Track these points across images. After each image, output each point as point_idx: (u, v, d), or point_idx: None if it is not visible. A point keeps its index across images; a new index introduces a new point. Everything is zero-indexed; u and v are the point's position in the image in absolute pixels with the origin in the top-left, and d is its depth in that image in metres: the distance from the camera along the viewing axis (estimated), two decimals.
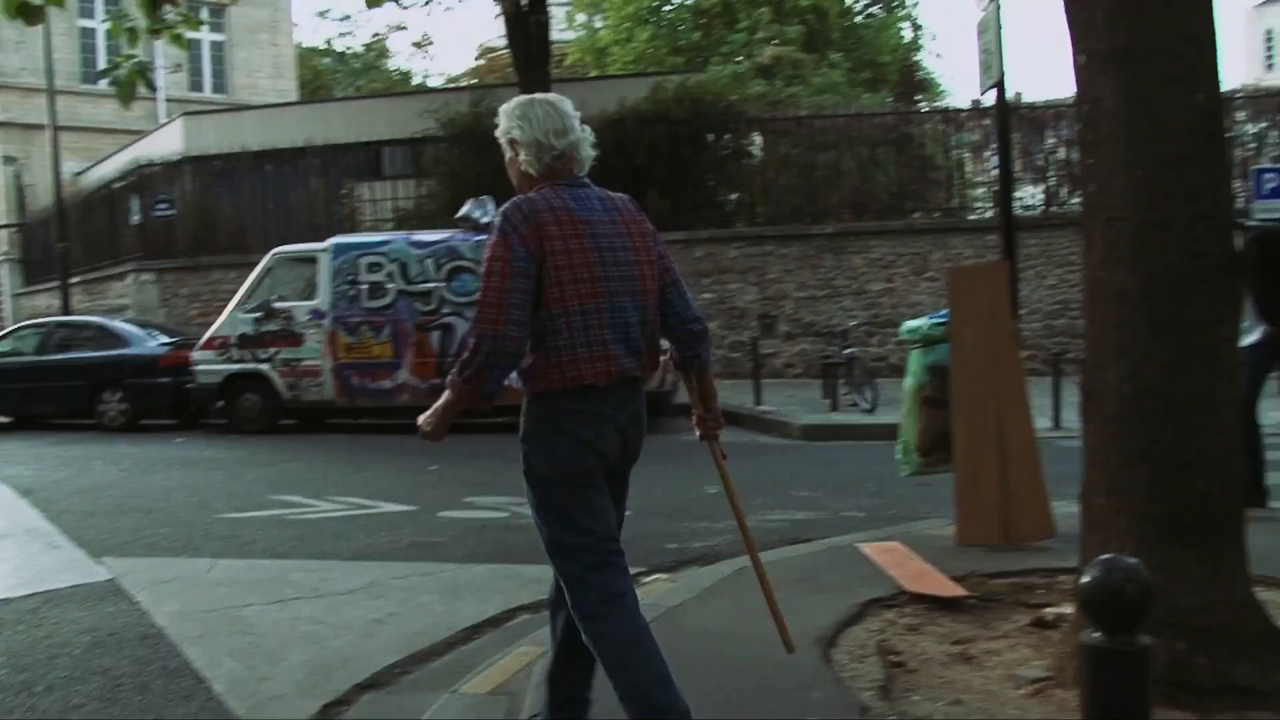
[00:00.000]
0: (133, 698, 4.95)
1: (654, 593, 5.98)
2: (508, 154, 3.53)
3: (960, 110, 19.61)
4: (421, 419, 3.41)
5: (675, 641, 4.94)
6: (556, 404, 3.30)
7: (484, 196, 13.98)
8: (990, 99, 10.47)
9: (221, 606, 6.24)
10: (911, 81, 34.37)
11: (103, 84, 34.20)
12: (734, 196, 19.94)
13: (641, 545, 7.37)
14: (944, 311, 6.64)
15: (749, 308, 17.79)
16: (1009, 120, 7.56)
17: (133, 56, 8.91)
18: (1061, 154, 18.30)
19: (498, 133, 3.54)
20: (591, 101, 18.69)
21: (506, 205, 3.32)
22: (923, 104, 31.01)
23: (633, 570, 6.58)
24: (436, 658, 5.32)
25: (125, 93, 8.49)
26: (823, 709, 4.02)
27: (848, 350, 13.98)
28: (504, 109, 3.52)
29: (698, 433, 3.77)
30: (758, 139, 19.55)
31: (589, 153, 3.46)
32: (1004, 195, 7.79)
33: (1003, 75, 7.31)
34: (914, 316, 9.35)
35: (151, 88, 8.76)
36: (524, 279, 3.18)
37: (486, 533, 7.90)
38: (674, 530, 7.86)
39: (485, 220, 13.56)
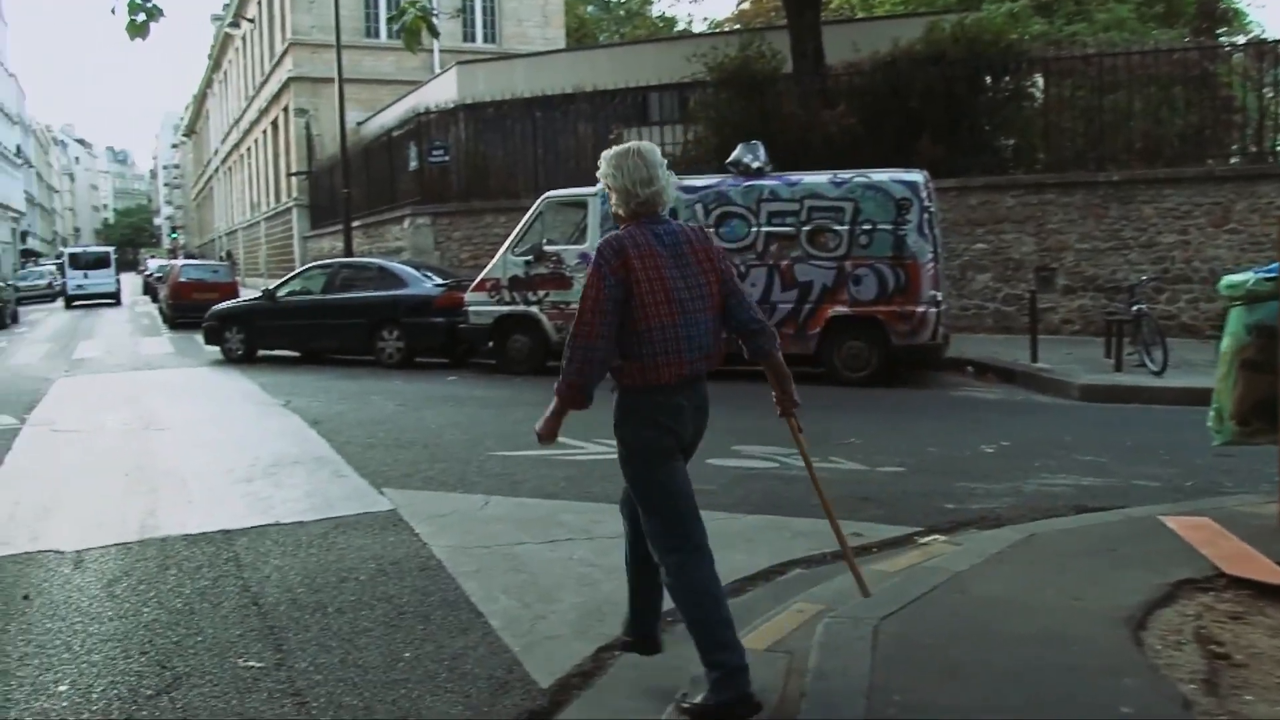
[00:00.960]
0: (415, 626, 5.08)
1: (935, 554, 5.70)
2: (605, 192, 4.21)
3: (1277, 42, 17.69)
4: (537, 425, 4.10)
5: (964, 609, 4.67)
6: (642, 398, 3.96)
7: (754, 141, 13.73)
8: None
9: (496, 543, 6.35)
10: (1212, 13, 31.59)
11: (383, 37, 36.04)
12: (1011, 142, 18.89)
13: (917, 503, 7.09)
14: (1274, 265, 5.97)
15: (1026, 259, 16.85)
16: None
17: (416, 2, 9.08)
18: None
19: (598, 174, 4.12)
20: (863, 43, 18.18)
21: (600, 243, 3.97)
22: (1225, 38, 28.51)
23: (909, 529, 6.38)
24: None
25: (411, 39, 8.62)
26: (1139, 698, 3.67)
27: (1136, 307, 13.01)
28: (605, 155, 4.10)
29: (778, 410, 4.40)
30: (1039, 80, 18.37)
31: (672, 195, 4.09)
32: None
33: None
34: (1212, 272, 8.55)
35: (435, 33, 8.89)
36: (613, 303, 3.83)
37: (755, 482, 7.76)
38: (950, 489, 7.49)
39: (756, 165, 13.35)
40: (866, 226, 12.77)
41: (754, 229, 13.20)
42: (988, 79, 17.96)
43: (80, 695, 4.49)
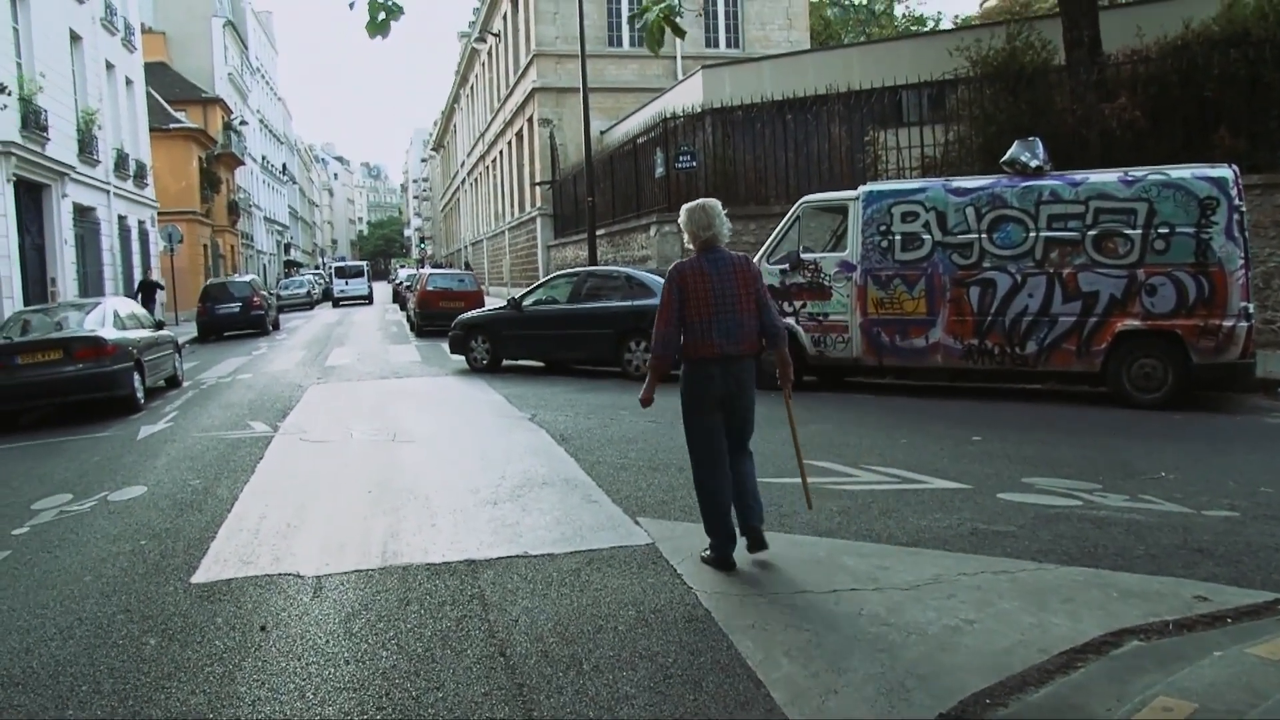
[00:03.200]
0: (685, 695, 4.37)
1: None
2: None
3: None
4: (640, 396, 6.23)
5: None
6: (691, 366, 5.99)
7: (1032, 137, 12.50)
8: None
9: (771, 590, 5.57)
10: None
11: (626, 46, 36.04)
12: None
13: (1268, 560, 5.90)
14: None
15: None
16: None
17: (660, 1, 8.43)
18: None
19: (679, 221, 6.28)
20: (1147, 27, 16.57)
21: (671, 267, 6.05)
22: None
23: (1269, 595, 5.20)
24: (1032, 688, 4.31)
25: (654, 39, 8.01)
26: None
27: None
28: (683, 208, 6.19)
29: (780, 383, 6.34)
30: None
31: (725, 234, 6.07)
32: None
33: None
34: None
35: (679, 33, 8.22)
36: (675, 305, 5.92)
37: (1061, 524, 6.69)
38: None
39: (1035, 164, 12.15)
40: (1163, 230, 11.37)
41: (1032, 234, 11.98)
42: None
43: None
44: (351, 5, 7.74)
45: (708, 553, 6.09)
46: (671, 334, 5.93)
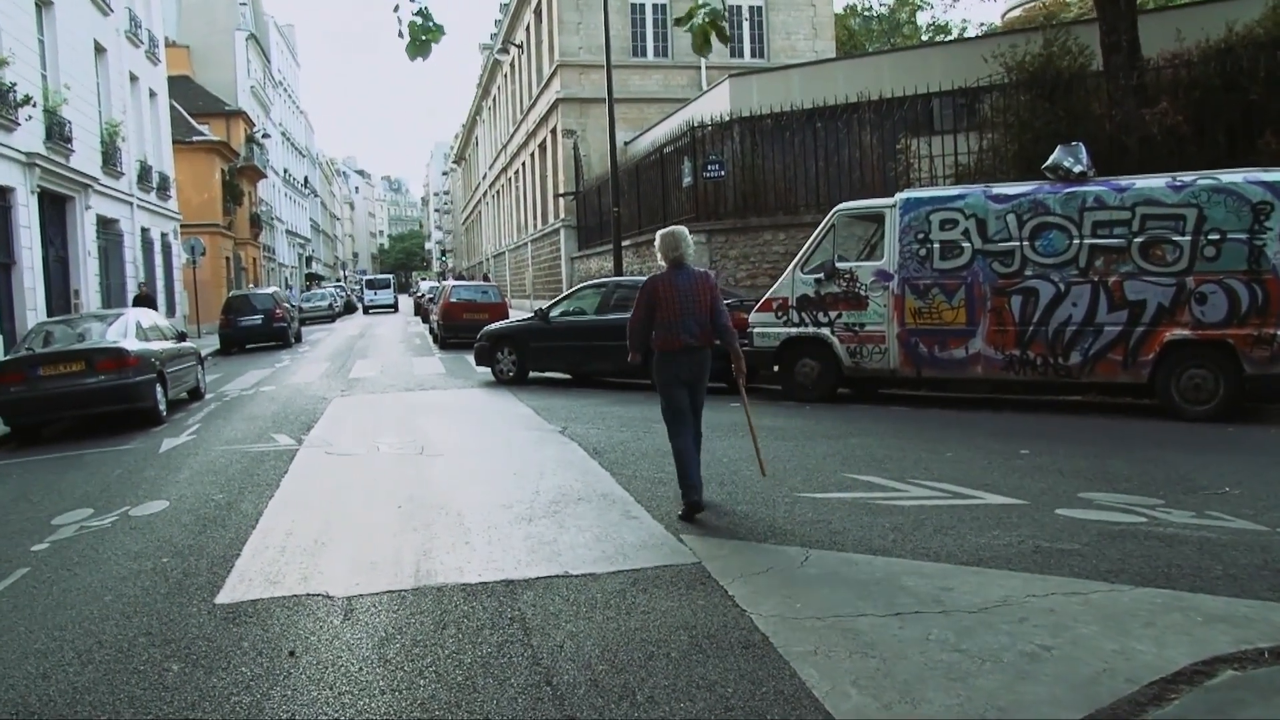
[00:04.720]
0: None
1: None
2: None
3: None
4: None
5: None
6: (661, 355, 7.50)
7: (1075, 143, 12.15)
8: None
9: (830, 614, 5.22)
10: None
11: (650, 56, 35.86)
12: None
13: None
14: None
15: None
16: None
17: (705, 5, 8.24)
18: None
19: (655, 246, 7.92)
20: (1188, 31, 16.16)
21: (646, 279, 7.74)
22: None
23: None
24: None
25: (699, 41, 7.87)
26: None
27: None
28: (658, 234, 7.70)
29: (735, 374, 7.81)
30: None
31: (690, 254, 7.55)
32: None
33: None
34: None
35: (724, 38, 8.07)
36: (646, 307, 7.49)
37: (1127, 542, 6.34)
38: None
39: (1079, 170, 11.81)
40: (1214, 236, 11.01)
41: (1075, 241, 11.64)
42: None
43: None
44: (400, 34, 7.83)
45: (683, 510, 7.41)
46: (639, 329, 7.59)
